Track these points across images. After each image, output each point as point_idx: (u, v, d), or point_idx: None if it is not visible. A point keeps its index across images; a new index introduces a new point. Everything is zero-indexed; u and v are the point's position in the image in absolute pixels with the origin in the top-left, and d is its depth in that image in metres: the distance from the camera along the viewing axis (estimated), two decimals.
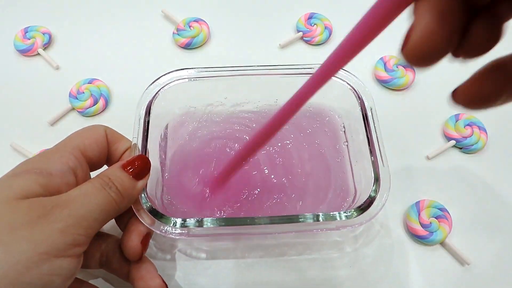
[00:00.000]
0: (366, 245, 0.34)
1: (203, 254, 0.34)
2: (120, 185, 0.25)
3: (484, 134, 0.39)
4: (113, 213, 0.25)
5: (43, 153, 0.26)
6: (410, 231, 0.35)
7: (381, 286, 0.33)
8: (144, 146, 0.30)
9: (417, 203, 0.35)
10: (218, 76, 0.34)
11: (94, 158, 0.28)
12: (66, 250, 0.22)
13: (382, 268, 0.33)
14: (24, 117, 0.40)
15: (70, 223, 0.22)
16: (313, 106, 0.37)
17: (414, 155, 0.39)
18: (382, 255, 0.34)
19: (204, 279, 0.33)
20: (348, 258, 0.34)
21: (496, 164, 0.39)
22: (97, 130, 0.29)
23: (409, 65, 0.15)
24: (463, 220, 0.36)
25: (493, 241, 0.35)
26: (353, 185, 0.33)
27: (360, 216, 0.28)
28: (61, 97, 0.41)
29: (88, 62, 0.44)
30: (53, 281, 0.22)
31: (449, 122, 0.40)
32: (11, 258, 0.21)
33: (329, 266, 0.33)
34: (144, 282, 0.27)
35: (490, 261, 0.34)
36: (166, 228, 0.27)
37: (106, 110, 0.41)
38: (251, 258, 0.34)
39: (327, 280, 0.33)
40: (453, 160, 0.39)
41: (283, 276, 0.33)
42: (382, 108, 0.41)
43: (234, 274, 0.33)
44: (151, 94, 0.33)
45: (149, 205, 0.28)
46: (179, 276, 0.33)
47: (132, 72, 0.34)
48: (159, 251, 0.34)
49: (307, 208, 0.33)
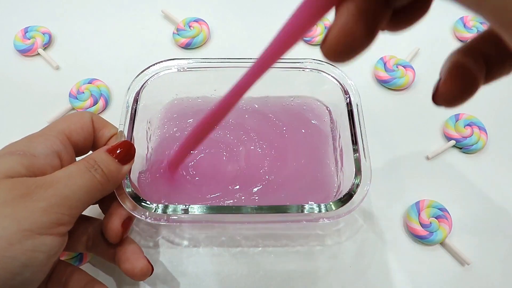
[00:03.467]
0: (348, 239, 0.35)
1: (186, 241, 0.34)
2: (105, 167, 0.26)
3: (484, 134, 0.39)
4: (98, 194, 0.26)
5: (28, 136, 0.27)
6: (410, 231, 0.35)
7: (366, 278, 0.33)
8: (131, 133, 0.31)
9: (417, 203, 0.35)
10: (208, 68, 0.35)
11: (79, 143, 0.28)
12: (49, 228, 0.23)
13: (366, 260, 0.34)
14: (24, 117, 0.40)
15: (53, 202, 0.23)
16: (302, 100, 0.38)
17: (414, 155, 0.39)
18: (365, 248, 0.34)
19: (187, 266, 0.33)
20: (330, 251, 0.34)
21: (496, 164, 0.39)
22: (83, 116, 0.29)
23: (328, 60, 0.17)
24: (463, 220, 0.36)
25: (493, 241, 0.35)
26: (337, 179, 0.34)
27: (340, 208, 0.28)
28: (61, 97, 0.41)
29: (88, 62, 0.44)
30: (36, 257, 0.22)
31: (449, 122, 0.40)
32: None
33: (311, 258, 0.34)
34: (130, 264, 0.28)
35: (490, 261, 0.34)
36: (147, 214, 0.28)
37: (106, 110, 0.41)
38: (234, 248, 0.34)
39: (308, 273, 0.33)
40: (453, 160, 0.39)
41: (266, 266, 0.33)
42: (382, 108, 0.42)
43: (217, 263, 0.33)
44: (140, 83, 0.34)
45: (131, 190, 0.28)
46: (162, 263, 0.33)
47: (132, 72, 0.34)
48: (142, 239, 0.34)
49: (290, 199, 0.33)
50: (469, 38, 0.45)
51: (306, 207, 0.28)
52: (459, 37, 0.46)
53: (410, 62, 0.43)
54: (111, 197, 0.28)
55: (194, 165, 0.34)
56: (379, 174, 0.37)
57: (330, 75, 0.35)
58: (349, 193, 0.29)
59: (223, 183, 0.33)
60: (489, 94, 0.42)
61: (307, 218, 0.29)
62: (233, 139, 0.36)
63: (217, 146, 0.35)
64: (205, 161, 0.35)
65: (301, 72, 0.36)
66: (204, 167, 0.34)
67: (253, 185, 0.33)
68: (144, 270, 0.28)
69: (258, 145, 0.36)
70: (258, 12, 0.48)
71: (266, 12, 0.48)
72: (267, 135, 0.36)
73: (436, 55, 0.17)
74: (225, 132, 0.36)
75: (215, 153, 0.35)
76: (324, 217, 0.29)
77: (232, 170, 0.34)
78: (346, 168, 0.32)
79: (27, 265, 0.22)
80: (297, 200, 0.33)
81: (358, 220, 0.35)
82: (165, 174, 0.33)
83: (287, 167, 0.35)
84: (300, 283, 0.33)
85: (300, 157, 0.35)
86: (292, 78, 0.36)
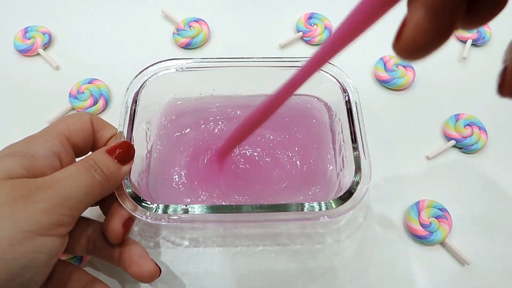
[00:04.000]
0: (348, 237, 0.35)
1: (187, 241, 0.34)
2: (105, 168, 0.26)
3: (484, 134, 0.39)
4: (98, 195, 0.26)
5: (27, 137, 0.27)
6: (410, 231, 0.35)
7: (366, 277, 0.33)
8: (130, 133, 0.31)
9: (417, 203, 0.35)
10: (206, 68, 0.35)
11: (79, 144, 0.28)
12: (50, 229, 0.23)
13: (365, 260, 0.34)
14: (24, 117, 0.40)
15: (54, 203, 0.23)
16: (300, 98, 0.38)
17: (414, 155, 0.39)
18: (365, 248, 0.34)
19: (188, 266, 0.33)
20: (330, 250, 0.34)
21: (496, 164, 0.39)
22: (83, 117, 0.29)
23: (401, 59, 0.16)
24: (463, 220, 0.36)
25: (493, 241, 0.35)
26: (337, 177, 0.34)
27: (340, 206, 0.28)
28: (61, 97, 0.41)
29: (88, 62, 0.44)
30: (37, 259, 0.22)
31: (449, 122, 0.40)
32: None
33: (312, 257, 0.34)
34: (137, 267, 0.28)
35: (490, 261, 0.34)
36: (148, 214, 0.28)
37: (106, 110, 0.41)
38: (235, 247, 0.34)
39: (309, 271, 0.33)
40: (453, 160, 0.39)
41: (266, 265, 0.33)
42: (382, 108, 0.42)
43: (217, 262, 0.33)
44: (138, 83, 0.34)
45: (131, 191, 0.28)
46: (163, 263, 0.33)
47: (132, 72, 0.34)
48: (143, 239, 0.34)
49: (290, 198, 0.33)
50: (469, 38, 0.45)
51: (306, 206, 0.29)
52: (459, 37, 0.46)
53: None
54: (112, 198, 0.28)
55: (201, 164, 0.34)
56: (379, 174, 0.37)
57: (328, 74, 0.35)
58: (349, 190, 0.29)
59: (227, 181, 0.34)
60: (489, 94, 0.43)
61: (308, 216, 0.29)
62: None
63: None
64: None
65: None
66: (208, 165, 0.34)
67: (252, 183, 0.33)
68: (153, 273, 0.28)
69: (258, 142, 0.36)
70: (258, 12, 0.48)
71: (266, 12, 0.48)
72: (266, 133, 0.36)
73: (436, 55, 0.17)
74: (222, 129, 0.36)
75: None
76: (325, 215, 0.29)
77: (238, 170, 0.35)
78: (346, 167, 0.32)
79: (28, 267, 0.22)
80: (297, 198, 0.33)
81: (358, 218, 0.35)
82: (211, 165, 0.34)
83: (286, 165, 0.35)
84: (300, 281, 0.33)
85: (299, 155, 0.35)
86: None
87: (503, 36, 0.46)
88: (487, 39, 0.45)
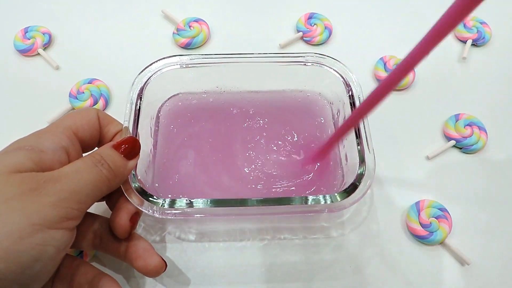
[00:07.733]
0: (352, 230, 0.35)
1: (192, 236, 0.34)
2: (112, 163, 0.26)
3: (484, 134, 0.39)
4: (105, 189, 0.26)
5: (35, 132, 0.27)
6: (410, 231, 0.35)
7: (366, 277, 0.33)
8: (135, 129, 0.31)
9: (417, 203, 0.35)
10: (210, 64, 0.35)
11: (86, 139, 0.29)
12: (59, 222, 0.23)
13: (369, 252, 0.34)
14: (24, 117, 0.40)
15: (62, 197, 0.23)
16: (306, 94, 0.38)
17: (414, 155, 0.39)
18: (365, 247, 0.34)
19: (194, 260, 0.33)
20: (335, 242, 0.34)
21: (496, 164, 0.39)
22: (89, 112, 0.29)
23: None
24: (463, 220, 0.36)
25: (493, 241, 0.35)
26: (341, 171, 0.34)
27: (345, 199, 0.29)
28: (61, 97, 0.41)
29: (88, 62, 0.44)
30: (46, 251, 0.22)
31: (449, 122, 0.40)
32: (3, 227, 0.21)
33: (316, 250, 0.34)
34: (143, 261, 0.28)
35: (490, 261, 0.34)
36: (154, 208, 0.28)
37: (106, 110, 0.41)
38: (240, 242, 0.34)
39: (314, 264, 0.33)
40: (453, 160, 0.39)
41: (272, 258, 0.33)
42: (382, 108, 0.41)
43: (223, 256, 0.34)
44: (143, 80, 0.34)
45: (138, 185, 0.29)
46: (169, 258, 0.33)
47: (132, 72, 0.34)
48: (148, 234, 0.34)
49: (296, 191, 0.33)
50: (469, 38, 0.45)
51: (311, 199, 0.29)
52: (459, 37, 0.46)
53: None
54: (118, 193, 0.28)
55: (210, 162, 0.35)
56: (379, 174, 0.37)
57: (332, 69, 0.35)
58: (354, 183, 0.29)
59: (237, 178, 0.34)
60: (489, 94, 0.43)
61: (313, 209, 0.29)
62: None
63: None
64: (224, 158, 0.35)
65: (303, 67, 0.36)
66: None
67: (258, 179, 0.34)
68: (158, 267, 0.28)
69: (262, 138, 0.36)
70: (258, 12, 0.48)
71: (266, 12, 0.48)
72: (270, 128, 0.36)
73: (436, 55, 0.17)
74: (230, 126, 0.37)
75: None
76: (329, 208, 0.29)
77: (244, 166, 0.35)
78: (350, 161, 0.32)
79: (37, 259, 0.22)
80: (302, 192, 0.33)
81: (362, 212, 0.36)
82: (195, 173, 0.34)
83: (290, 160, 0.35)
84: (305, 275, 0.33)
85: (303, 150, 0.35)
86: (294, 73, 0.37)
87: (503, 36, 0.46)
88: (487, 39, 0.45)
